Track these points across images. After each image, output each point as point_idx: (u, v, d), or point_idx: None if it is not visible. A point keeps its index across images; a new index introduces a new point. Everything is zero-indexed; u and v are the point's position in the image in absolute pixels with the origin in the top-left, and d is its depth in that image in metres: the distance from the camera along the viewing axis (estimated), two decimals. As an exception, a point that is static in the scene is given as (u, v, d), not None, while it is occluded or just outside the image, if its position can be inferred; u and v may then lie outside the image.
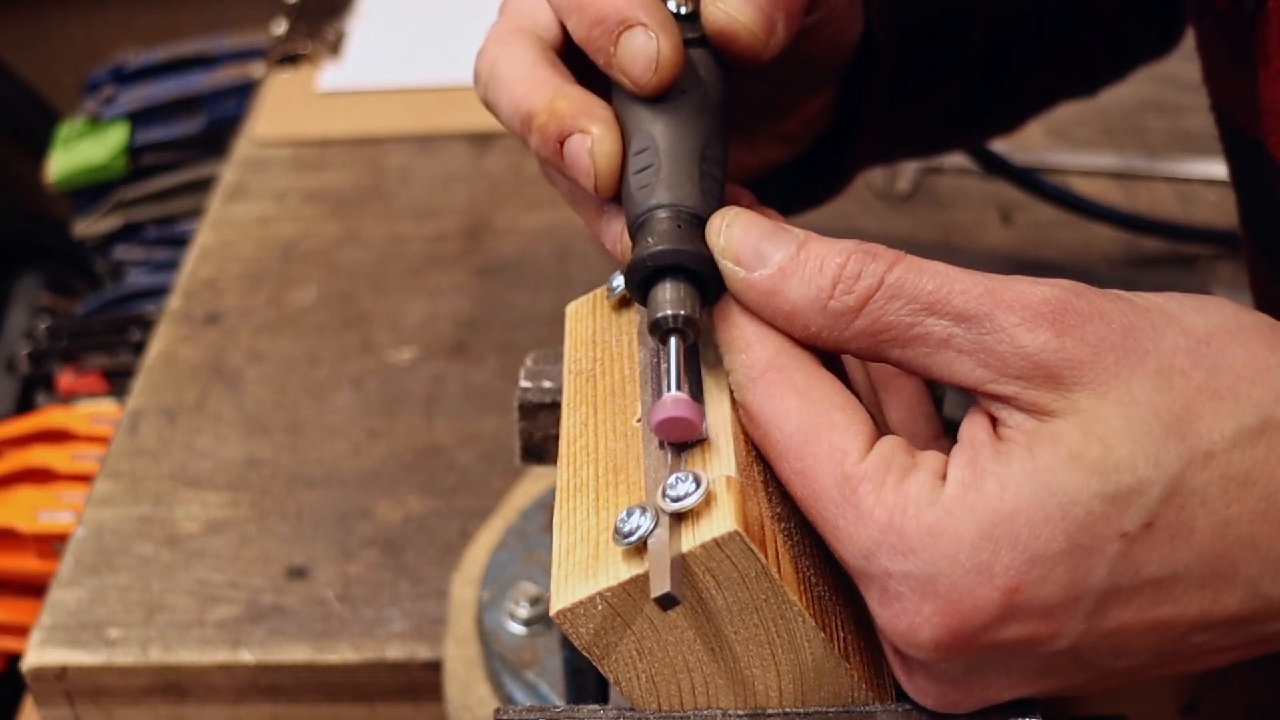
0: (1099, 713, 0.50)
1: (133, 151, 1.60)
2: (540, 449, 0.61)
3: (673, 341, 0.46)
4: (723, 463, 0.45)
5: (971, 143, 0.86)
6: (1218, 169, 0.67)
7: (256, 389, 1.01)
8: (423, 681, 0.80)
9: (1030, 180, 1.03)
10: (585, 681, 0.63)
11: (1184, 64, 0.67)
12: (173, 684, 0.82)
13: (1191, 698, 0.76)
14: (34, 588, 1.12)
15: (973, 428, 0.44)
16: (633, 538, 0.43)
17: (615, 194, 0.51)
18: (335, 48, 1.45)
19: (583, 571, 0.45)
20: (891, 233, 1.12)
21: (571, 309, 0.56)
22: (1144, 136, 1.24)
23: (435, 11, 1.50)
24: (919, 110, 0.73)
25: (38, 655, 0.82)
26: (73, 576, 0.86)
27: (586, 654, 0.46)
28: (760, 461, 0.48)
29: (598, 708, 0.47)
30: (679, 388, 0.45)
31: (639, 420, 0.49)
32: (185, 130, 1.60)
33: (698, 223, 0.48)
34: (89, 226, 1.62)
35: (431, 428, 0.96)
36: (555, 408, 0.58)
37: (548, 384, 0.59)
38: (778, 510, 0.47)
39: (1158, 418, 0.41)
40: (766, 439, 0.46)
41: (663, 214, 0.48)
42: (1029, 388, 0.42)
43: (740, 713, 0.47)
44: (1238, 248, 0.66)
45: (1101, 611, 0.42)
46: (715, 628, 0.45)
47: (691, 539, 0.43)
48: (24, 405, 1.43)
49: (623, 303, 0.54)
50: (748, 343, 0.46)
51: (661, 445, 0.47)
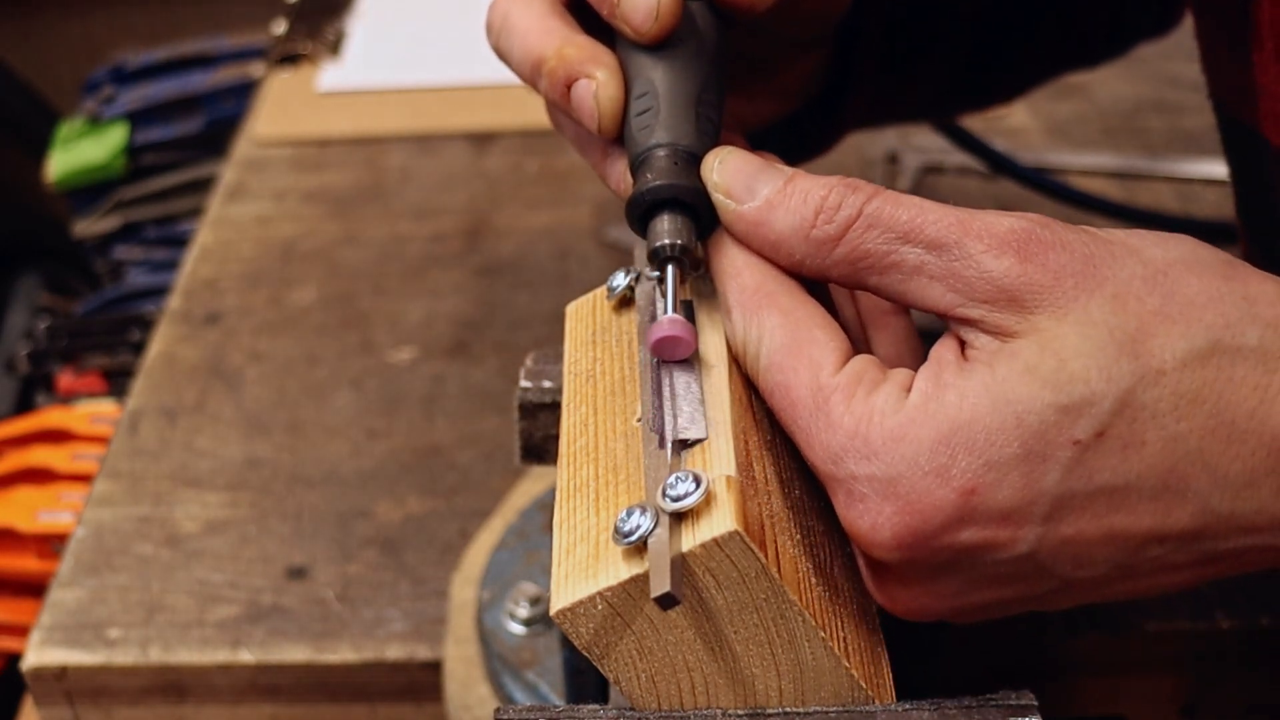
0: (1099, 713, 0.50)
1: (132, 151, 1.60)
2: (540, 449, 0.61)
3: (669, 269, 0.49)
4: (723, 462, 0.45)
5: (966, 111, 0.87)
6: (1218, 169, 0.67)
7: (256, 389, 1.01)
8: (423, 681, 0.80)
9: (1033, 176, 1.03)
10: (585, 681, 0.63)
11: (1184, 64, 0.67)
12: (173, 684, 0.82)
13: (1191, 698, 0.76)
14: (34, 588, 1.12)
15: (941, 349, 0.46)
16: (633, 537, 0.44)
17: (618, 135, 0.54)
18: (335, 48, 1.45)
19: (583, 571, 0.45)
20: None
21: (571, 309, 0.56)
22: (1144, 136, 1.24)
23: (435, 11, 1.50)
24: (911, 75, 0.75)
25: (38, 655, 0.82)
26: (73, 576, 0.86)
27: (586, 654, 0.46)
28: (760, 461, 0.48)
29: (598, 708, 0.47)
30: (674, 311, 0.48)
31: (639, 420, 0.49)
32: (185, 130, 1.60)
33: (694, 160, 0.51)
34: (89, 226, 1.62)
35: (431, 428, 0.96)
36: (555, 408, 0.58)
37: (548, 384, 0.60)
38: (779, 507, 0.47)
39: (1112, 337, 0.43)
40: (753, 355, 0.48)
41: (661, 152, 0.51)
42: (994, 311, 0.45)
43: (740, 712, 0.47)
44: (1236, 241, 0.67)
45: (1057, 517, 0.44)
46: (715, 627, 0.45)
47: (691, 539, 0.43)
48: (24, 405, 1.43)
49: (623, 303, 0.54)
50: (738, 270, 0.49)
51: (661, 444, 0.47)
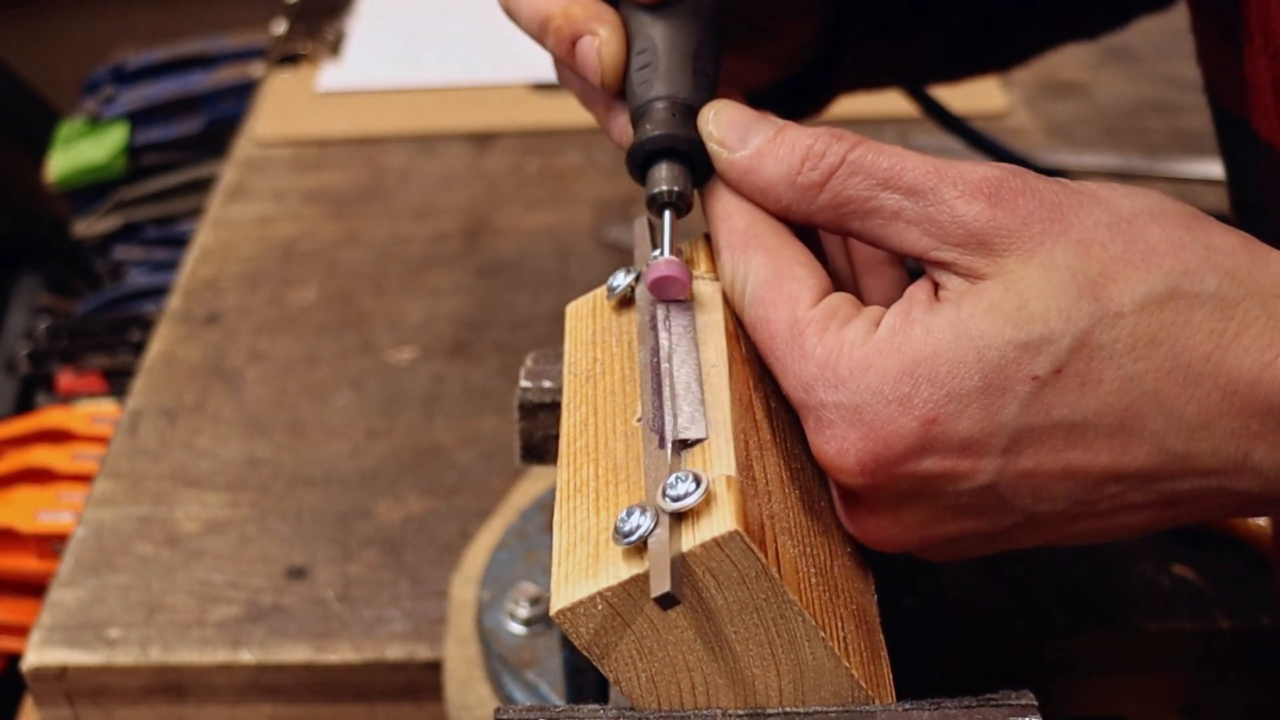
0: (1099, 713, 0.50)
1: (133, 151, 1.60)
2: (540, 449, 0.61)
3: (666, 214, 0.52)
4: (723, 462, 0.45)
5: (963, 77, 0.88)
6: (1217, 169, 0.67)
7: (256, 389, 1.01)
8: (423, 681, 0.80)
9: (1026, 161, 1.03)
10: (585, 681, 0.63)
11: (1184, 64, 0.67)
12: (173, 684, 0.82)
13: (1191, 698, 0.76)
14: (34, 588, 1.12)
15: (915, 289, 0.48)
16: (633, 537, 0.44)
17: (620, 90, 0.57)
18: (335, 48, 1.45)
19: (583, 571, 0.45)
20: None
21: (571, 309, 0.56)
22: (1144, 136, 1.24)
23: (435, 11, 1.51)
24: (906, 41, 0.76)
25: (38, 655, 0.82)
26: (73, 576, 0.86)
27: (586, 654, 0.46)
28: (761, 461, 0.48)
29: (598, 708, 0.47)
30: (670, 253, 0.51)
31: (639, 420, 0.49)
32: (185, 130, 1.60)
33: (691, 112, 0.54)
34: (89, 226, 1.62)
35: (431, 428, 0.96)
36: (555, 408, 0.58)
37: (548, 384, 0.60)
38: (779, 507, 0.47)
39: (1074, 280, 0.45)
40: (739, 290, 0.51)
41: (660, 104, 0.54)
42: (965, 254, 0.47)
43: (740, 713, 0.47)
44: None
45: (1015, 449, 0.45)
46: (715, 627, 0.45)
47: (691, 539, 0.43)
48: (24, 405, 1.43)
49: (623, 303, 0.54)
50: (729, 213, 0.52)
51: (661, 444, 0.47)
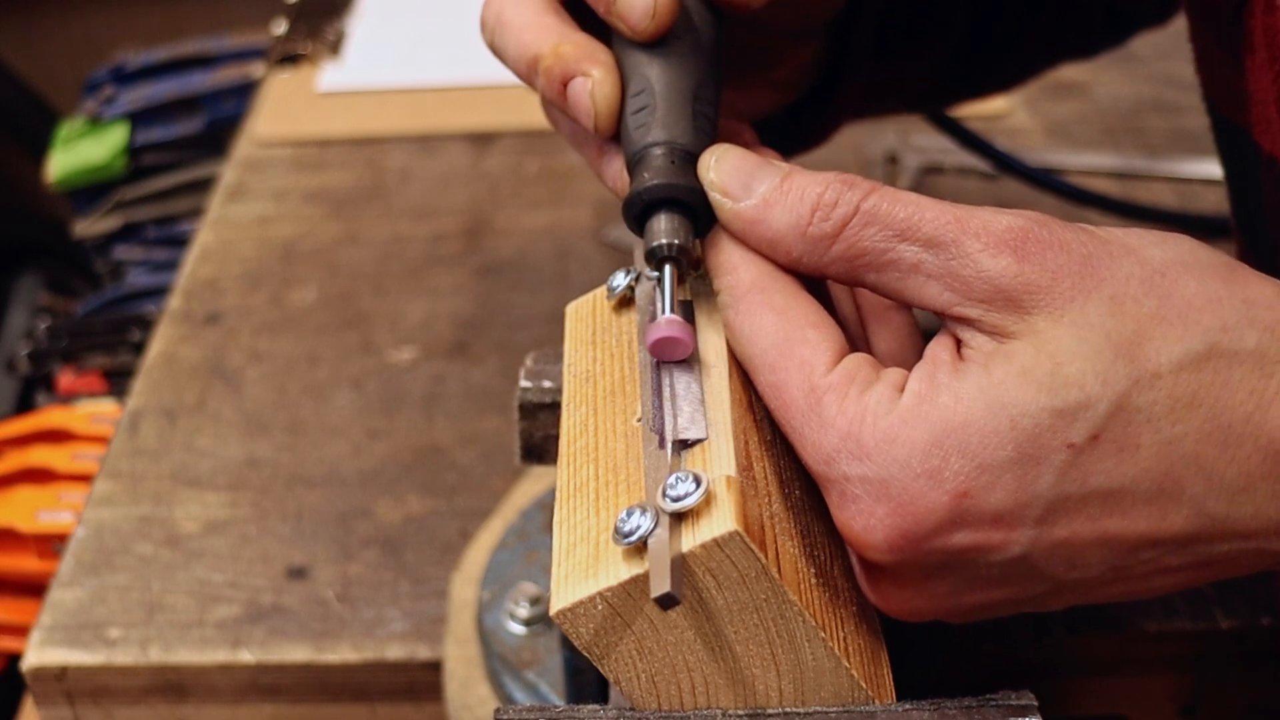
0: (1099, 713, 0.50)
1: (133, 151, 1.60)
2: (540, 449, 0.61)
3: (666, 269, 0.49)
4: (723, 463, 0.45)
5: (963, 100, 0.87)
6: (1217, 169, 0.67)
7: (256, 389, 1.01)
8: (423, 681, 0.80)
9: (1036, 174, 1.04)
10: (585, 681, 0.63)
11: (1184, 64, 0.67)
12: (173, 684, 0.82)
13: (1191, 698, 0.76)
14: (34, 588, 1.12)
15: (937, 348, 0.46)
16: (633, 538, 0.44)
17: (614, 133, 0.53)
18: (335, 48, 1.45)
19: (583, 571, 0.45)
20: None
21: (571, 309, 0.56)
22: (1144, 136, 1.24)
23: (435, 11, 1.50)
24: (906, 65, 0.75)
25: (38, 655, 0.82)
26: (73, 576, 0.86)
27: (586, 654, 0.46)
28: (761, 461, 0.48)
29: (598, 708, 0.47)
30: (672, 311, 0.48)
31: (639, 420, 0.49)
32: (185, 130, 1.60)
33: (690, 159, 0.51)
34: (89, 226, 1.62)
35: (431, 428, 0.96)
36: (555, 408, 0.58)
37: (548, 384, 0.60)
38: (779, 507, 0.47)
39: (1108, 340, 0.43)
40: (747, 354, 0.48)
41: (658, 151, 0.51)
42: (991, 311, 0.44)
43: (740, 713, 0.47)
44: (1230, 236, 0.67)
45: (1050, 520, 0.43)
46: (715, 628, 0.45)
47: (691, 539, 0.43)
48: (24, 405, 1.43)
49: (623, 303, 0.54)
50: (734, 266, 0.49)
51: (661, 445, 0.47)
